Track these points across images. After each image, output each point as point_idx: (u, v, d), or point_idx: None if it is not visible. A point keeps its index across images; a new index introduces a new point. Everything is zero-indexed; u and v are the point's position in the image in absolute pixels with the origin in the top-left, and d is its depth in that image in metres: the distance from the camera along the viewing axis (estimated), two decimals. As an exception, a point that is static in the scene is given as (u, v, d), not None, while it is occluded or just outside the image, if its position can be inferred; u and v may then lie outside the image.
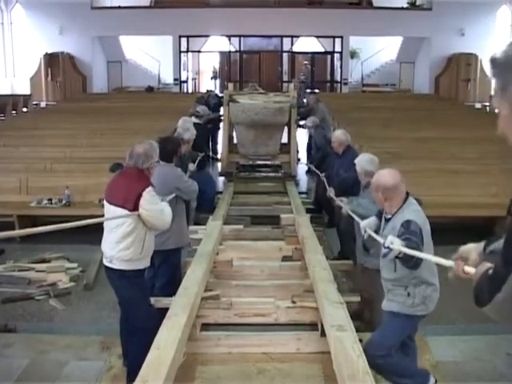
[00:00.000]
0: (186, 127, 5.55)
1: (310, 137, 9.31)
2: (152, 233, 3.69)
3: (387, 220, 3.37)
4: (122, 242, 3.54)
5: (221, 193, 7.78)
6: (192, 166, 5.96)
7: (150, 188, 3.53)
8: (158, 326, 3.17)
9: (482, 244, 1.68)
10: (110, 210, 3.58)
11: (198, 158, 6.73)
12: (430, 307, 3.28)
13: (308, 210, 6.69)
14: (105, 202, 3.64)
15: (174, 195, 4.39)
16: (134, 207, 3.47)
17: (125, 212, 3.48)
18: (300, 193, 7.73)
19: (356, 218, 4.16)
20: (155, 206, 3.55)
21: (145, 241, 3.58)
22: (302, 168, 10.15)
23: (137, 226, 3.53)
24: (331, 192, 5.71)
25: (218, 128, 10.06)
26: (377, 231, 3.55)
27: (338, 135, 6.16)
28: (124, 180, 3.63)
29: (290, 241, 5.37)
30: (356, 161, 4.63)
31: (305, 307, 3.85)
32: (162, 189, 4.15)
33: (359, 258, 4.56)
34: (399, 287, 3.26)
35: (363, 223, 3.78)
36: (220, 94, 12.05)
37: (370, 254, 4.25)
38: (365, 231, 3.72)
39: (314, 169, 7.51)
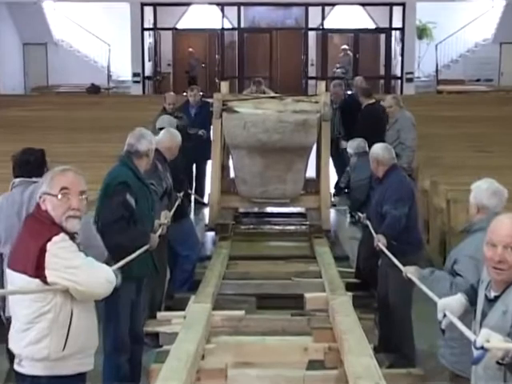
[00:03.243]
0: (138, 134, 5.75)
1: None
2: (86, 313, 3.78)
3: (491, 300, 3.44)
4: (29, 330, 3.63)
5: (209, 258, 7.91)
6: (166, 216, 6.14)
7: (59, 237, 3.62)
8: None
9: None
10: (11, 278, 3.71)
11: (177, 203, 6.93)
12: None
13: (350, 286, 6.81)
14: (6, 268, 3.80)
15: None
16: (38, 270, 3.56)
17: (25, 278, 3.57)
18: (337, 258, 7.84)
19: (431, 295, 4.26)
20: (68, 262, 3.60)
21: (70, 326, 3.66)
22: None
23: (52, 302, 3.62)
24: (380, 242, 5.95)
25: (207, 154, 10.14)
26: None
27: (377, 151, 6.58)
28: (25, 229, 3.79)
29: (321, 336, 5.46)
30: (472, 186, 4.80)
31: None
32: None
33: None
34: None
35: (442, 302, 3.85)
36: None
37: (444, 338, 4.37)
38: (444, 316, 3.79)
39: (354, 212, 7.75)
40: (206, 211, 10.07)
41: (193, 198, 10.27)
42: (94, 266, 3.76)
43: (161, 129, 8.47)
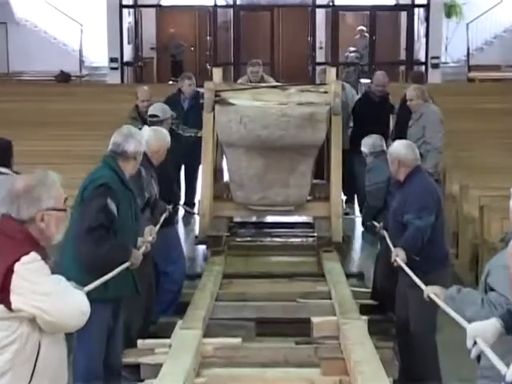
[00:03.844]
0: (126, 133, 5.76)
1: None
2: (55, 344, 3.78)
3: None
4: None
5: (199, 276, 7.92)
6: (151, 233, 6.18)
7: (29, 256, 3.59)
8: None
9: None
10: None
11: (163, 216, 6.97)
12: None
13: (365, 309, 6.82)
14: None
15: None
16: (2, 294, 3.55)
17: None
18: (349, 275, 7.83)
19: (458, 319, 4.27)
20: (37, 287, 3.59)
21: (37, 360, 3.65)
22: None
23: (17, 331, 3.61)
24: (398, 257, 5.96)
25: (197, 155, 10.04)
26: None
27: (399, 150, 6.57)
28: None
29: (331, 368, 5.45)
30: None
31: None
32: None
33: None
34: None
35: (472, 328, 3.87)
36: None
37: (479, 367, 4.34)
38: (474, 343, 3.79)
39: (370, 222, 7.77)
40: (196, 221, 10.04)
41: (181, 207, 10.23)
42: (66, 293, 3.73)
43: (152, 116, 8.54)
